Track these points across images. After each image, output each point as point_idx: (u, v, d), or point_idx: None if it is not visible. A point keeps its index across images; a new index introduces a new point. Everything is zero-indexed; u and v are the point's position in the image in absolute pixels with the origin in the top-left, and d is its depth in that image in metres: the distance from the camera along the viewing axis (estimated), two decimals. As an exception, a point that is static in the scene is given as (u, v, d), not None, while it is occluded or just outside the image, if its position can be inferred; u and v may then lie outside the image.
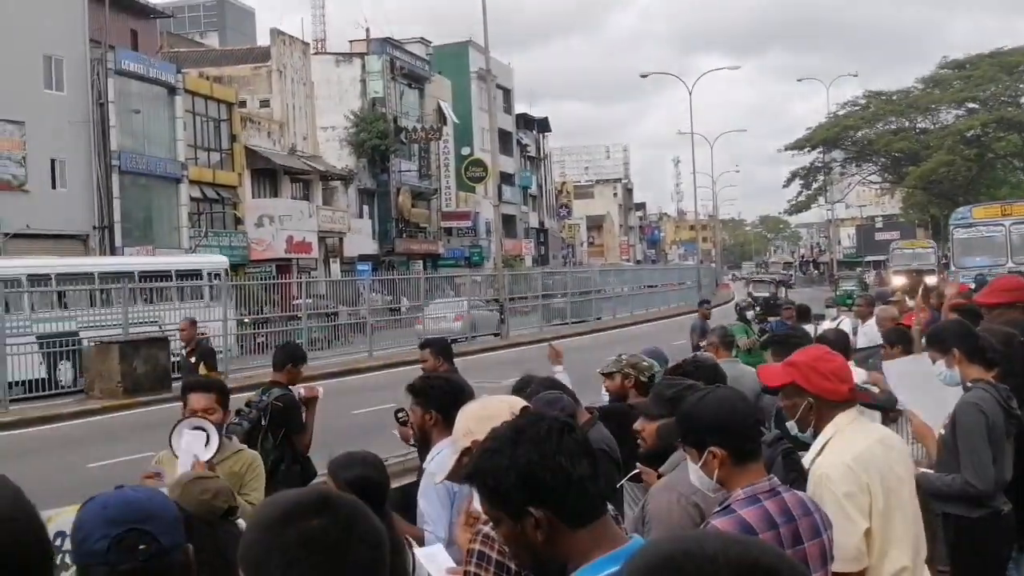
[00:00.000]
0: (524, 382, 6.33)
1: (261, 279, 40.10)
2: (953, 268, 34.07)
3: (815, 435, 4.58)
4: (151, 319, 30.56)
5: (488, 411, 4.00)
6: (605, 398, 8.26)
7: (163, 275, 34.58)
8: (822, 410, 4.53)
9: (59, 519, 4.14)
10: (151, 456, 15.64)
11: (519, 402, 4.14)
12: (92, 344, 26.91)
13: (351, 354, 35.44)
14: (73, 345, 27.93)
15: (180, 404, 6.49)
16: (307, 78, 63.22)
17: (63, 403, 25.01)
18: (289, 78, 60.62)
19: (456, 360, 9.71)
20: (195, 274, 36.13)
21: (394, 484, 5.74)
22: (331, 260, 60.35)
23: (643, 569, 1.54)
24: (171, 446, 5.49)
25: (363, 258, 62.14)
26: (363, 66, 69.53)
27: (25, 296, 28.73)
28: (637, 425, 5.23)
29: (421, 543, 5.07)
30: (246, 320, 34.25)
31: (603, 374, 7.98)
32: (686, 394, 4.88)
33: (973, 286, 18.05)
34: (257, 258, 52.30)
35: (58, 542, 4.04)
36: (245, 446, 6.29)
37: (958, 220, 35.51)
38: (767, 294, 49.67)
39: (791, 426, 4.68)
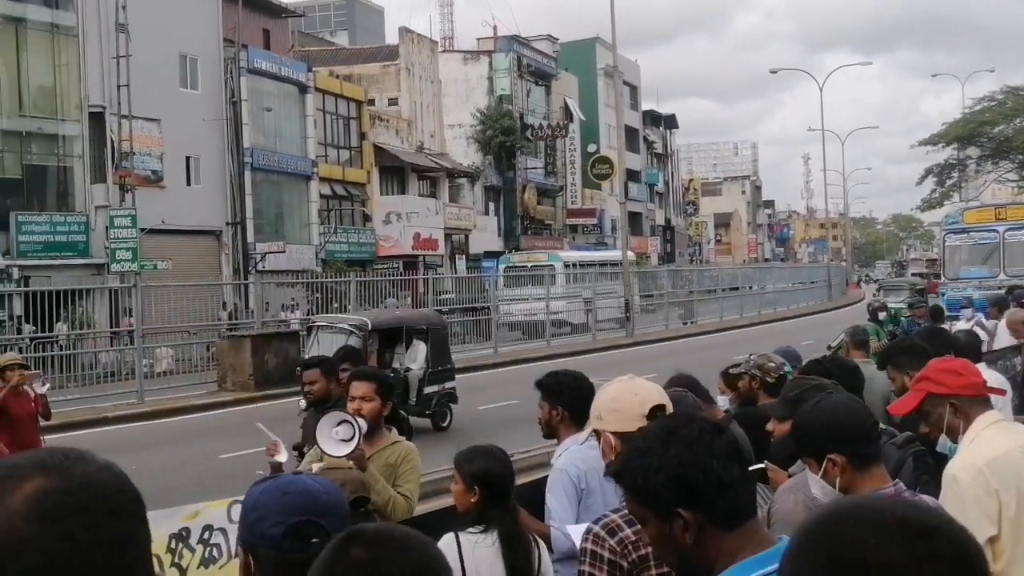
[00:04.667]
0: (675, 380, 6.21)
1: (388, 275, 40.46)
2: (944, 279, 30.62)
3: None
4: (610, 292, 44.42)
5: (618, 403, 3.98)
6: (720, 401, 8.13)
7: (603, 263, 50.20)
8: (966, 410, 4.42)
9: (207, 512, 4.22)
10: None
11: (652, 395, 4.07)
12: (224, 338, 27.53)
13: (477, 350, 35.58)
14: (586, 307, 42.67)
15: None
16: (435, 76, 63.66)
17: (196, 395, 25.55)
18: (417, 76, 61.12)
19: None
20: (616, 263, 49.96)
21: (521, 480, 5.73)
22: (457, 257, 60.69)
23: (823, 519, 1.58)
24: (316, 436, 5.54)
25: (489, 255, 62.34)
26: (490, 64, 69.82)
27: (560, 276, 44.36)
28: (769, 426, 5.17)
29: (547, 540, 5.06)
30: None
31: (727, 374, 7.85)
32: (810, 395, 4.79)
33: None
34: (385, 254, 52.89)
35: (205, 535, 4.10)
36: (403, 438, 6.26)
37: (950, 225, 31.55)
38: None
39: (943, 444, 4.56)
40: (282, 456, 5.78)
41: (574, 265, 48.23)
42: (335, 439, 5.46)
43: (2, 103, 35.86)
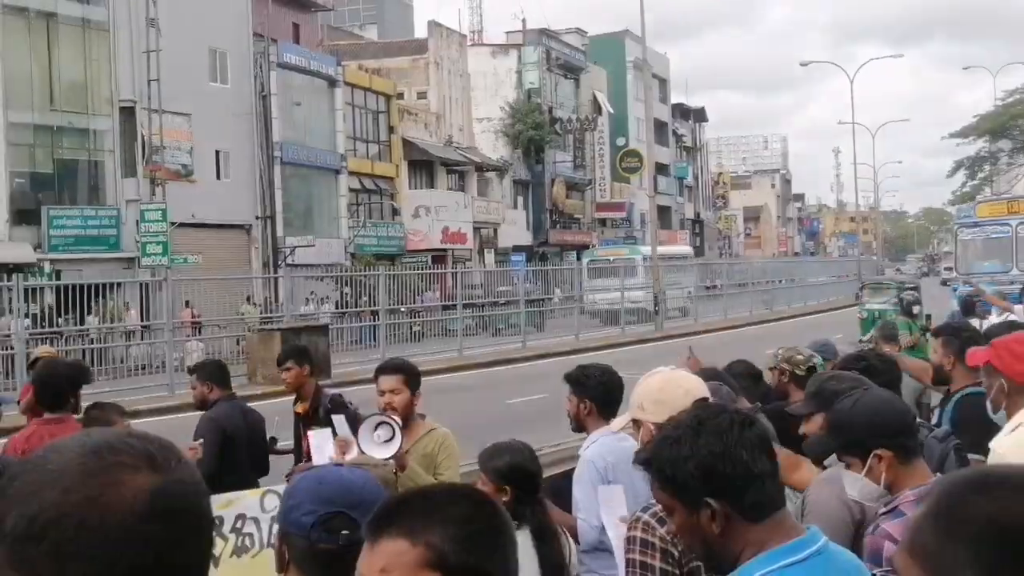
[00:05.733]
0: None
1: (417, 269, 40.51)
2: (956, 274, 29.59)
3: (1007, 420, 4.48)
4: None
5: (664, 395, 3.97)
6: None
7: (671, 256, 55.54)
8: (1012, 394, 4.47)
9: (241, 501, 4.25)
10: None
11: (697, 388, 4.06)
12: (255, 331, 27.64)
13: (504, 344, 35.58)
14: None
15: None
16: (464, 70, 63.66)
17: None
18: (446, 70, 61.13)
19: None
20: (682, 256, 60.07)
21: (548, 473, 5.71)
22: (486, 250, 60.72)
23: (971, 481, 1.55)
24: (357, 441, 5.54)
25: (517, 249, 62.33)
26: (519, 57, 69.72)
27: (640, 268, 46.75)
28: (802, 429, 5.10)
29: (574, 532, 5.05)
30: (402, 310, 34.65)
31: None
32: (829, 386, 4.76)
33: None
34: (413, 248, 52.97)
35: (238, 524, 4.13)
36: (437, 425, 6.26)
37: (962, 219, 30.45)
38: None
39: (991, 410, 4.66)
40: (351, 455, 5.76)
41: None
42: (377, 442, 5.46)
43: (33, 98, 36.06)
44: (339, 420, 5.90)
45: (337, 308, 35.76)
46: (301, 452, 7.84)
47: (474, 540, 1.76)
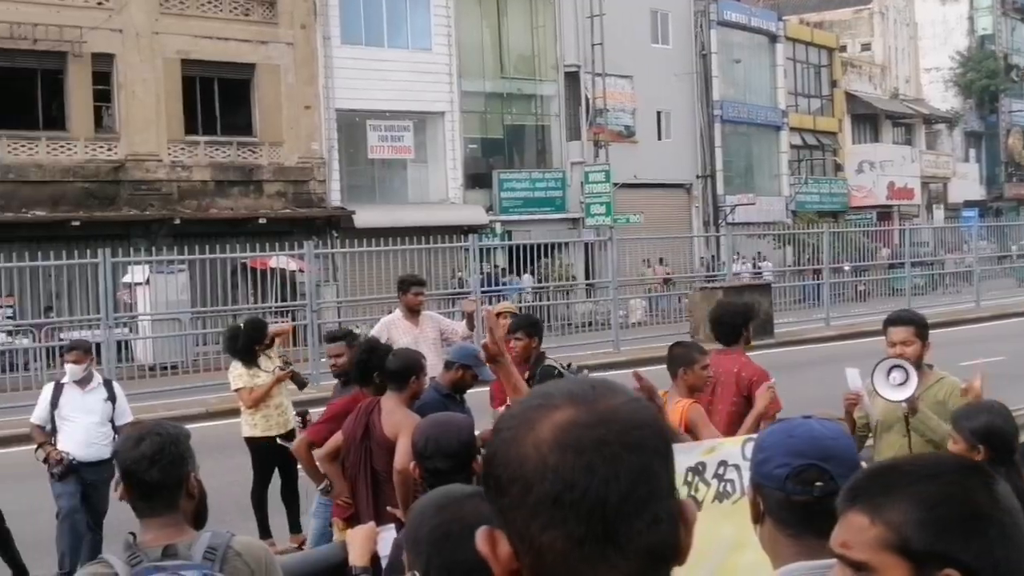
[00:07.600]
0: None
1: (861, 226, 39.51)
2: None
3: None
4: None
5: None
6: None
7: None
8: None
9: (723, 448, 4.45)
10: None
11: None
12: (697, 290, 27.86)
13: (956, 304, 34.02)
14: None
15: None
16: (910, 19, 61.46)
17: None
18: (891, 20, 59.11)
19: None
20: None
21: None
22: (934, 206, 58.38)
23: None
24: (872, 382, 5.64)
25: (968, 204, 59.54)
26: (971, 3, 66.37)
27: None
28: None
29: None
30: (846, 268, 33.88)
31: None
32: None
33: None
34: (857, 205, 51.71)
35: (720, 470, 4.33)
36: (946, 373, 6.30)
37: None
38: None
39: None
40: (869, 406, 5.83)
41: None
42: (891, 384, 5.59)
43: (485, 67, 37.83)
44: (852, 373, 5.95)
45: (782, 266, 35.46)
46: None
47: (944, 524, 1.63)
